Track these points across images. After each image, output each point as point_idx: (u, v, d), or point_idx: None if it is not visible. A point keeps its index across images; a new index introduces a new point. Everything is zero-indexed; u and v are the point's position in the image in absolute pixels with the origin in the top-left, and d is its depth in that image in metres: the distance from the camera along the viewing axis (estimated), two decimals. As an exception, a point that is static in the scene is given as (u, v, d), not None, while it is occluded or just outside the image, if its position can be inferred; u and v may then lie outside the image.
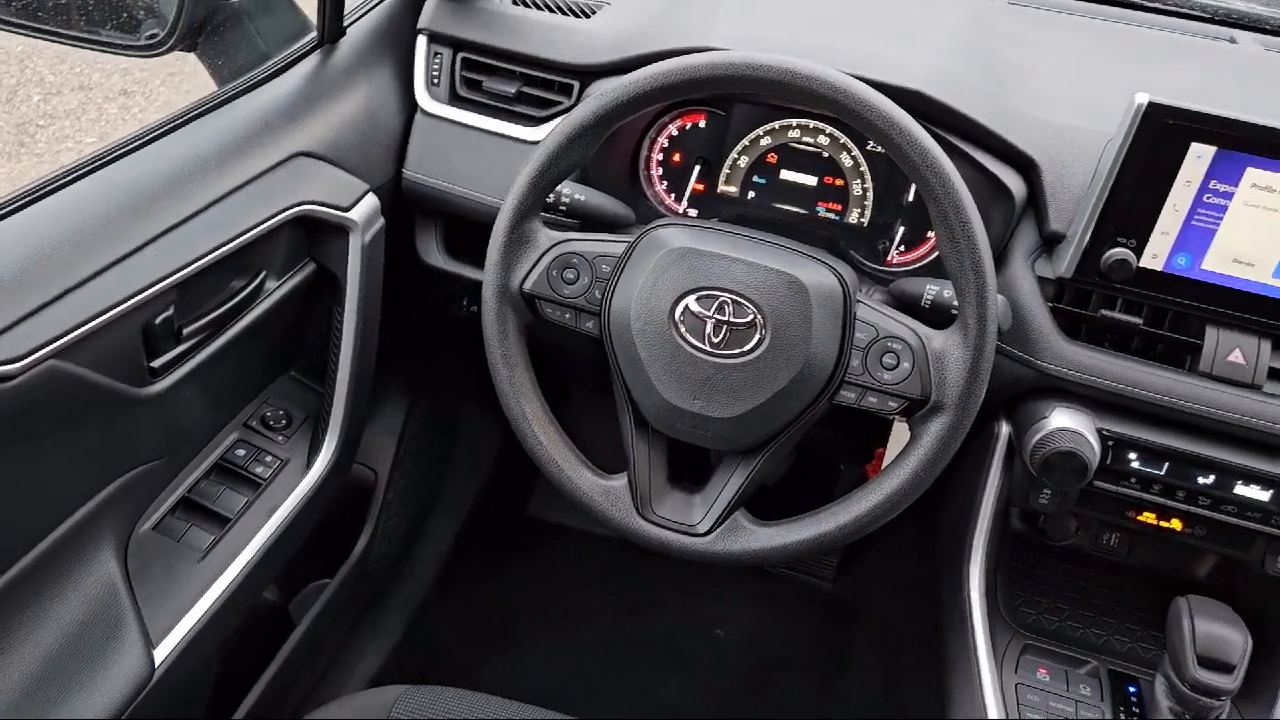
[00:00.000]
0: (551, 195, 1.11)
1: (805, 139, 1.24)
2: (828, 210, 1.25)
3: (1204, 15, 1.42)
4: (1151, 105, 0.99)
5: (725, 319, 0.97)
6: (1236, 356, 1.06)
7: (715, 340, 0.98)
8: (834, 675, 1.77)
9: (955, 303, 1.00)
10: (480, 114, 1.29)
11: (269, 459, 1.23)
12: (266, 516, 1.19)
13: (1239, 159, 0.99)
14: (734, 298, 0.97)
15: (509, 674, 1.76)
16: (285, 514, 1.20)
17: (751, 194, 1.27)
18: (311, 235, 1.20)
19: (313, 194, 1.15)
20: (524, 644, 1.81)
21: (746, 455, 1.03)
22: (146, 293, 0.94)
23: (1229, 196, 1.01)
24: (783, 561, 1.02)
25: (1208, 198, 1.01)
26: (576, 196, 1.14)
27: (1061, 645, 1.19)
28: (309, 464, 1.25)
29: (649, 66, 0.97)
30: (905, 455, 0.98)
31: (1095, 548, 1.29)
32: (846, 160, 1.23)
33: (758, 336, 0.97)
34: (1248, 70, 1.28)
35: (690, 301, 0.98)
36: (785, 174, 1.25)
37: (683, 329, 0.98)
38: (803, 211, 1.26)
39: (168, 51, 1.20)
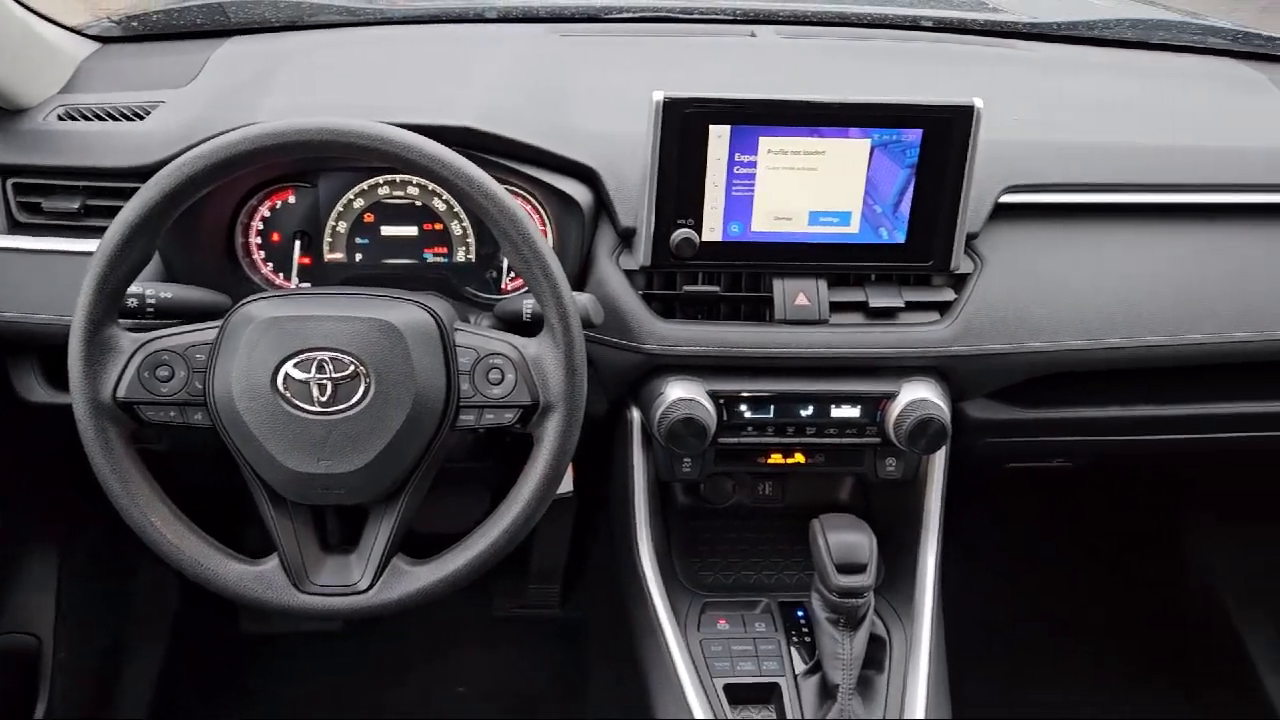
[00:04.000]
0: (134, 300, 1.08)
1: (396, 193, 1.28)
2: (435, 255, 1.30)
3: (729, 17, 1.60)
4: (667, 100, 1.11)
5: (327, 376, 0.99)
6: (802, 300, 1.20)
7: (323, 399, 0.99)
8: (577, 698, 1.81)
9: None
10: (47, 236, 1.23)
11: None
12: None
13: (751, 131, 1.14)
14: (331, 354, 0.99)
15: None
16: None
17: (359, 256, 1.30)
18: None
19: None
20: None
21: (389, 502, 1.04)
22: None
23: (754, 165, 1.15)
24: (453, 590, 1.04)
25: (737, 169, 1.15)
26: (162, 295, 1.11)
27: (738, 594, 1.29)
28: None
29: (186, 154, 0.97)
30: (532, 460, 1.03)
31: (754, 500, 1.41)
32: (440, 205, 1.29)
33: (363, 386, 0.99)
34: (766, 57, 1.47)
35: (289, 368, 0.99)
36: (386, 230, 1.29)
37: (288, 395, 0.99)
38: (412, 261, 1.30)
39: None
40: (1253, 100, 1.47)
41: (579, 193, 1.20)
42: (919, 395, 1.19)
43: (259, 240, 1.29)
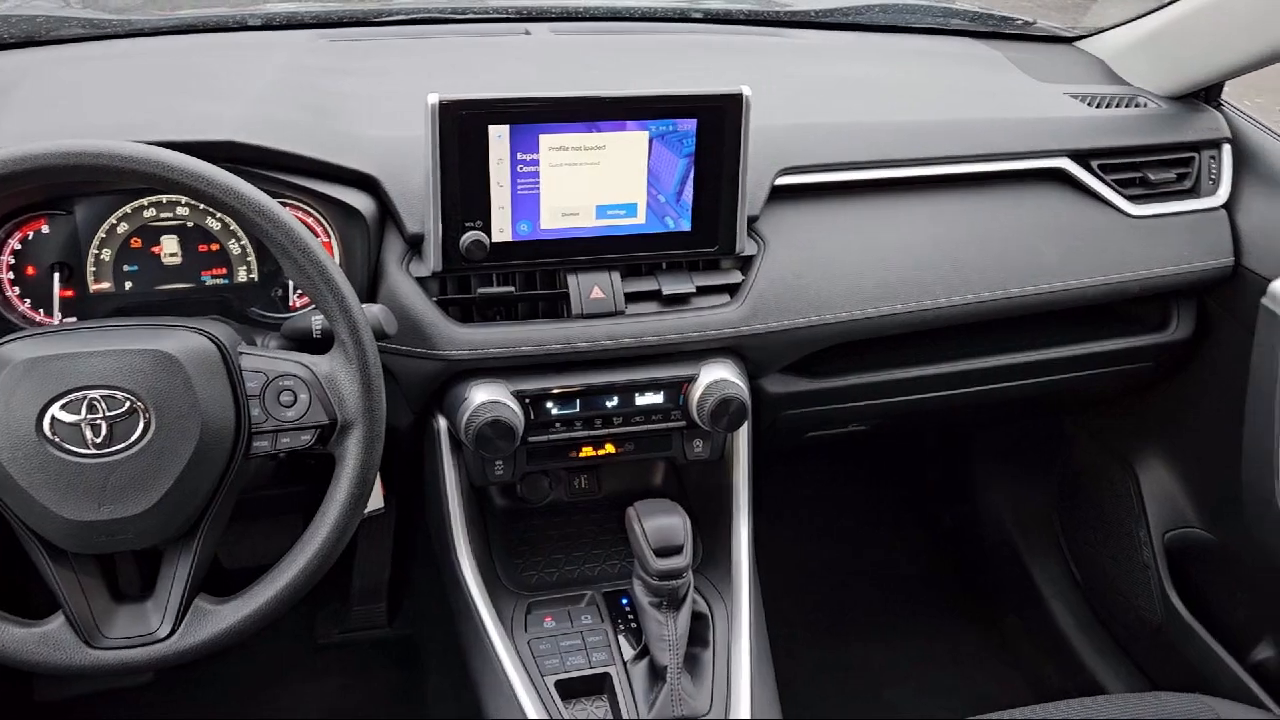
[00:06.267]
0: None
1: (164, 215, 1.21)
2: (214, 277, 1.24)
3: (502, 16, 1.60)
4: (443, 102, 1.10)
5: (100, 416, 0.92)
6: (597, 293, 1.22)
7: (98, 441, 0.92)
8: (416, 717, 1.77)
9: None
10: None
11: None
12: None
13: (531, 130, 1.14)
14: (102, 392, 0.93)
15: None
16: None
17: (129, 284, 1.22)
18: None
19: None
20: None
21: (184, 541, 0.99)
22: None
23: (536, 164, 1.16)
24: (264, 626, 1.00)
25: (520, 168, 1.15)
26: None
27: (563, 590, 1.30)
28: None
29: None
30: (336, 480, 1.00)
31: (571, 495, 1.42)
32: (214, 224, 1.22)
33: (143, 422, 0.93)
34: (542, 55, 1.48)
35: (55, 411, 0.92)
36: (156, 254, 1.22)
37: (58, 441, 0.92)
38: (189, 285, 1.23)
39: None
40: (993, 76, 1.59)
41: (360, 202, 1.17)
42: (717, 376, 1.23)
43: (11, 276, 1.19)
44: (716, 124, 1.18)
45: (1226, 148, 1.52)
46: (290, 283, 1.25)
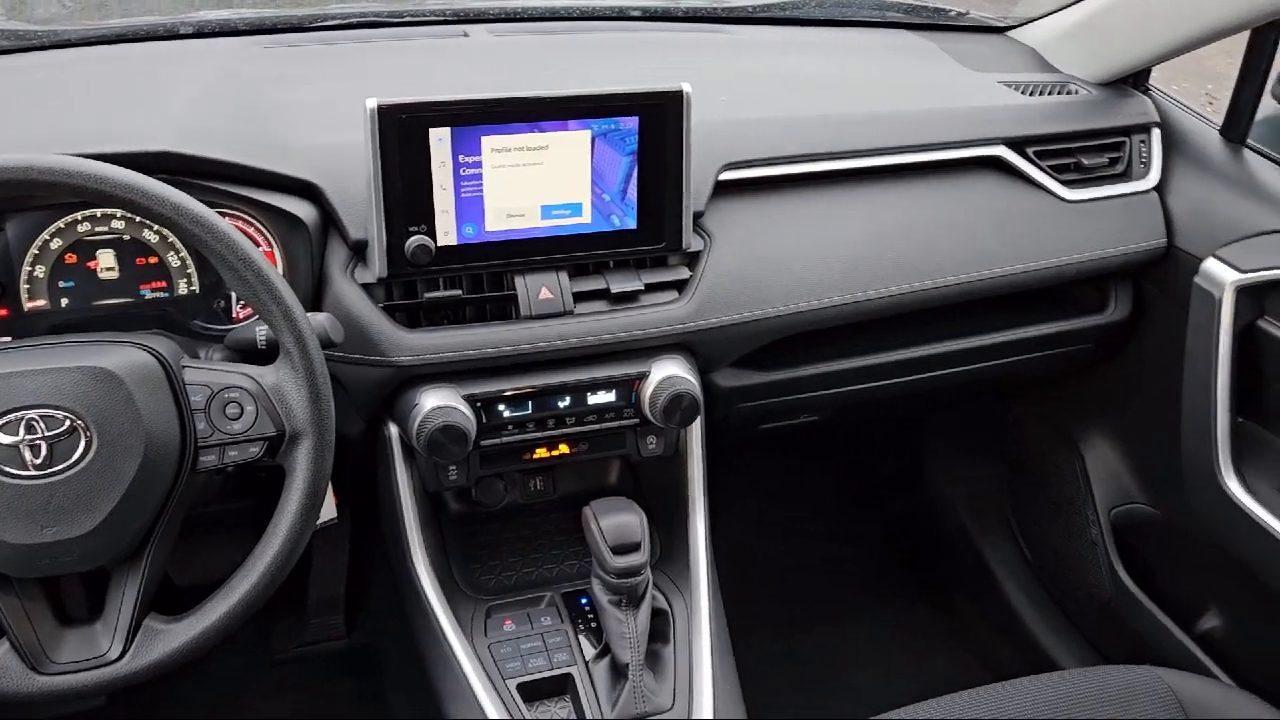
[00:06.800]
0: None
1: (99, 229, 1.18)
2: (154, 291, 1.21)
3: (440, 19, 1.59)
4: (382, 106, 1.09)
5: (39, 436, 0.90)
6: (545, 294, 1.21)
7: (38, 462, 0.90)
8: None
9: None
10: None
11: None
12: None
13: (472, 132, 1.14)
14: (41, 411, 0.91)
15: None
16: None
17: (65, 301, 1.19)
18: None
19: None
20: None
21: (132, 560, 0.97)
22: None
23: (479, 165, 1.15)
24: (217, 642, 0.99)
25: (463, 171, 1.15)
26: None
27: (522, 593, 1.29)
28: None
29: None
30: (286, 491, 0.99)
31: (527, 497, 1.42)
32: (152, 237, 1.20)
33: (84, 441, 0.92)
34: (482, 57, 1.47)
35: (-8, 434, 0.90)
36: (93, 269, 1.19)
37: (-4, 464, 0.90)
38: (128, 300, 1.21)
39: None
40: (929, 67, 1.62)
41: (302, 210, 1.16)
42: (669, 372, 1.23)
43: None
44: (658, 121, 1.19)
45: (1156, 132, 1.56)
46: (233, 294, 1.23)
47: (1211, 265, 1.42)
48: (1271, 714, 1.17)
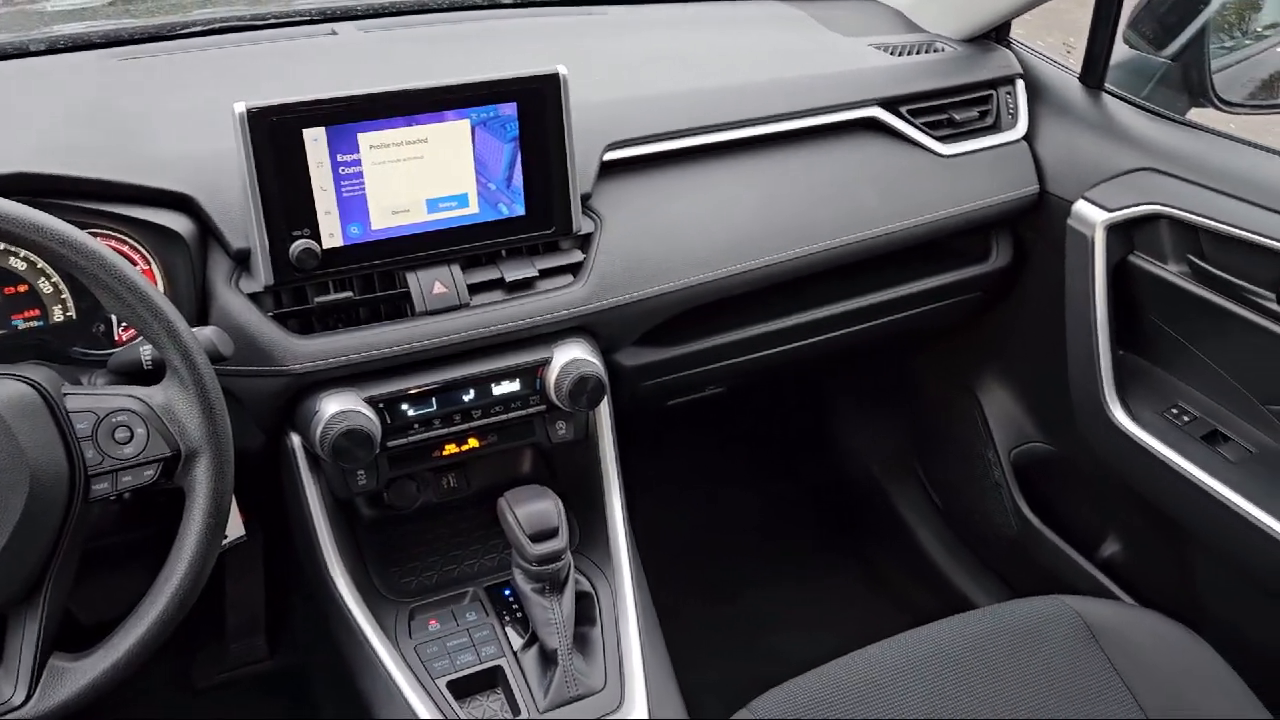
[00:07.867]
0: None
1: (-41, 260, 1.13)
2: (26, 320, 1.16)
3: (306, 19, 1.55)
4: (250, 110, 1.06)
5: (-86, 480, 0.86)
6: (439, 288, 1.20)
7: (-85, 507, 0.86)
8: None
9: None
10: None
11: None
12: None
13: (348, 130, 1.12)
14: (-87, 454, 0.86)
15: None
16: None
17: (-70, 338, 1.13)
18: None
19: None
20: None
21: (28, 600, 0.93)
22: None
23: (358, 164, 1.13)
24: (128, 675, 0.95)
25: (343, 170, 1.12)
26: None
27: (444, 591, 1.28)
28: None
29: None
30: (188, 512, 0.96)
31: (441, 495, 1.40)
32: (19, 264, 1.15)
33: None
34: (353, 54, 1.45)
35: None
36: None
37: None
38: (1, 332, 1.16)
39: None
40: (801, 35, 1.64)
41: (178, 223, 1.12)
42: (571, 356, 1.23)
43: None
44: (537, 106, 1.18)
45: (1020, 83, 1.62)
46: (113, 317, 1.19)
47: (1082, 207, 1.49)
48: (1171, 627, 1.24)
